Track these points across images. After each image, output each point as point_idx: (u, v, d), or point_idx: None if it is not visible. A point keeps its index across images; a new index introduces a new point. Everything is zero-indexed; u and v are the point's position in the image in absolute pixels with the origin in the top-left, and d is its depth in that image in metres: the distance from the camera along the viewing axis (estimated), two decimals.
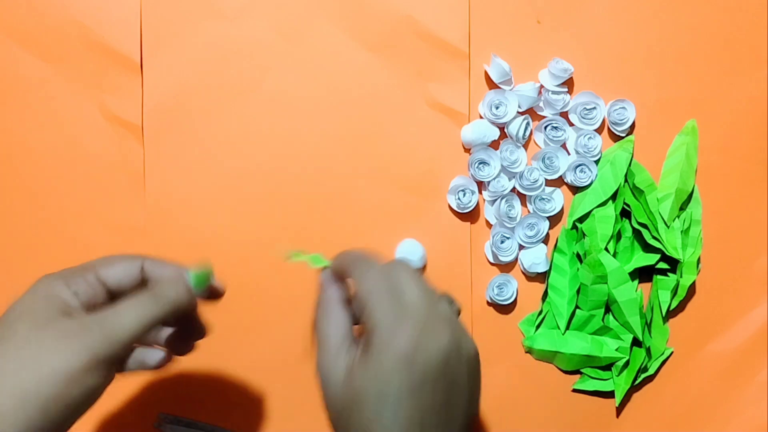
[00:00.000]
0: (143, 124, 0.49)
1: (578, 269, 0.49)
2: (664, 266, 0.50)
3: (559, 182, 0.50)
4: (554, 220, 0.50)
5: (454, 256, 0.50)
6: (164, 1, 0.49)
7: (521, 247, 0.50)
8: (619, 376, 0.50)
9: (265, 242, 0.49)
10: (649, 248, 0.49)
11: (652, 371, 0.50)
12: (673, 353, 0.51)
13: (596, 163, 0.49)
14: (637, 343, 0.50)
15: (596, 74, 0.50)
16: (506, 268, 0.50)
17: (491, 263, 0.50)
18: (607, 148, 0.50)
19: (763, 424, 0.51)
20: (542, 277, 0.50)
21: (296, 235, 0.49)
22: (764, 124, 0.51)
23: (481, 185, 0.50)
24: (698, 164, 0.50)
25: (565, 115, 0.50)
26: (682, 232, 0.49)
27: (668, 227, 0.49)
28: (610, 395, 0.50)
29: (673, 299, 0.50)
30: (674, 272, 0.50)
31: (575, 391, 0.51)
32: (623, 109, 0.49)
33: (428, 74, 0.49)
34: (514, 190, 0.50)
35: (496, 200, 0.49)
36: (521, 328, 0.50)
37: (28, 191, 0.49)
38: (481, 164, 0.49)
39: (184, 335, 0.40)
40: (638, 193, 0.49)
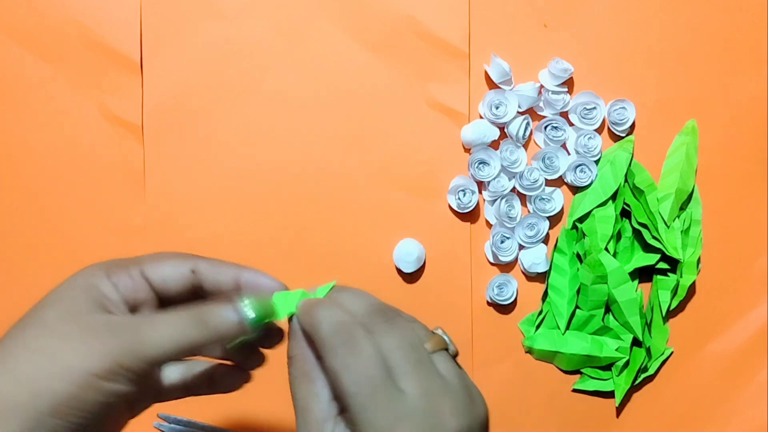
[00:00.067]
0: (143, 124, 0.49)
1: (578, 269, 0.49)
2: (664, 266, 0.50)
3: (559, 182, 0.50)
4: (554, 220, 0.50)
5: (454, 256, 0.50)
6: (164, 1, 0.49)
7: (521, 247, 0.50)
8: (619, 376, 0.50)
9: (265, 242, 0.49)
10: (649, 248, 0.49)
11: (652, 371, 0.50)
12: (673, 353, 0.51)
13: (596, 163, 0.49)
14: (637, 343, 0.50)
15: (596, 74, 0.50)
16: (506, 268, 0.50)
17: (491, 263, 0.50)
18: (607, 148, 0.50)
19: (763, 424, 0.51)
20: (542, 277, 0.50)
21: (296, 235, 0.49)
22: (764, 124, 0.51)
23: (481, 185, 0.50)
24: (698, 164, 0.50)
25: (565, 115, 0.50)
26: (682, 232, 0.49)
27: (668, 227, 0.49)
28: (610, 395, 0.50)
29: (673, 299, 0.50)
30: (674, 272, 0.50)
31: (575, 391, 0.51)
32: (623, 109, 0.49)
33: (428, 74, 0.49)
34: (514, 190, 0.50)
35: (496, 200, 0.49)
36: (521, 328, 0.50)
37: (28, 191, 0.49)
38: (481, 164, 0.48)
39: (232, 367, 0.36)
40: (638, 193, 0.49)
